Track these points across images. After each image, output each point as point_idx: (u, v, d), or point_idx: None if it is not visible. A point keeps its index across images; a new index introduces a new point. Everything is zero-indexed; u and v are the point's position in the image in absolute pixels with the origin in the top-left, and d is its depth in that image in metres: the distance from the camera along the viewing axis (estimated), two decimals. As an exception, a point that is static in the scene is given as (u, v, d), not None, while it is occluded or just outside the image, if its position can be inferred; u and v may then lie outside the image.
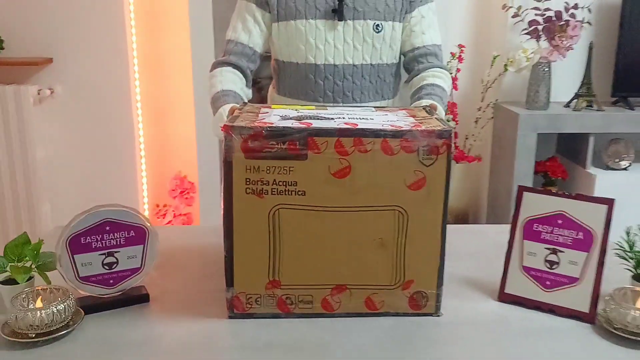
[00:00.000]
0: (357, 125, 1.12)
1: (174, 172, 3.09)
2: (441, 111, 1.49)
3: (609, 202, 1.24)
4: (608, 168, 2.90)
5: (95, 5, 2.83)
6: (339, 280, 1.16)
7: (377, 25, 1.61)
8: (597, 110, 2.87)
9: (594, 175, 2.83)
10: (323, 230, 1.12)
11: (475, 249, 1.56)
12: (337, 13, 1.57)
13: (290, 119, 1.15)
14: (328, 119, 1.17)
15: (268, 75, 1.85)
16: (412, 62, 1.68)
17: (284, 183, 1.10)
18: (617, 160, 2.92)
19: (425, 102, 1.49)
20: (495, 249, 1.48)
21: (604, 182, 2.80)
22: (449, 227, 1.18)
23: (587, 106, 2.90)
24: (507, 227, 1.31)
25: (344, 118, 1.18)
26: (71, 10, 2.83)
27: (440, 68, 1.65)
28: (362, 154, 1.09)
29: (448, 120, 3.03)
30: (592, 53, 2.87)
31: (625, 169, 2.90)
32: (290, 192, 1.10)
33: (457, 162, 3.13)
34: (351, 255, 1.15)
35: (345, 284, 1.17)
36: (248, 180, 1.09)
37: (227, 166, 1.09)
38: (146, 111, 3.07)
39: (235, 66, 1.62)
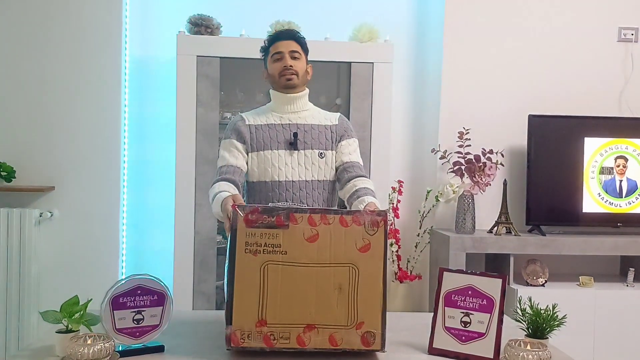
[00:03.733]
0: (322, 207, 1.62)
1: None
2: (378, 205, 2.02)
3: (503, 277, 1.72)
4: (527, 284, 3.40)
5: (94, 144, 3.38)
6: (309, 320, 1.58)
7: (321, 153, 2.20)
8: (514, 235, 3.43)
9: (515, 289, 3.31)
10: (298, 280, 1.58)
11: (412, 323, 2.00)
12: (293, 145, 2.18)
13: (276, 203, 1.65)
14: (303, 205, 1.67)
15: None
16: (341, 172, 2.23)
17: (272, 245, 1.57)
18: (535, 277, 3.43)
19: (367, 199, 2.03)
20: (425, 325, 1.84)
21: (524, 296, 3.24)
22: (394, 313, 1.62)
23: (507, 232, 3.46)
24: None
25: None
26: (73, 148, 3.37)
27: (363, 176, 2.22)
28: (327, 226, 1.59)
29: (391, 244, 3.54)
30: (506, 188, 3.49)
31: (542, 285, 3.40)
32: (276, 252, 1.57)
33: (400, 282, 3.59)
34: (318, 300, 1.59)
35: (314, 323, 1.59)
36: (247, 243, 1.56)
37: (233, 233, 1.55)
38: (130, 232, 3.53)
39: (229, 180, 2.11)
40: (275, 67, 2.22)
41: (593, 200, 3.53)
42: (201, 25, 3.31)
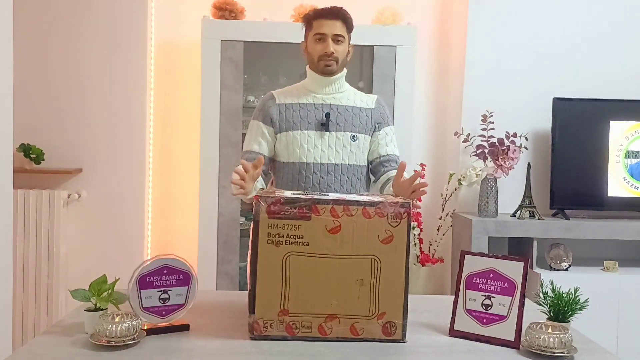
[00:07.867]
0: (345, 198, 1.62)
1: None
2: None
3: (525, 260, 1.72)
4: (551, 268, 3.38)
5: (120, 127, 3.44)
6: (331, 310, 1.60)
7: (353, 136, 2.16)
8: (538, 219, 3.41)
9: (538, 274, 3.30)
10: (320, 271, 1.58)
11: (432, 306, 2.01)
12: (324, 126, 2.14)
13: (298, 195, 1.65)
14: (325, 195, 1.67)
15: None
16: (378, 166, 2.22)
17: (294, 236, 1.57)
18: (558, 262, 3.41)
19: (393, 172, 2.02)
20: (446, 308, 1.86)
21: (547, 280, 3.24)
22: (416, 295, 1.62)
23: (530, 216, 3.44)
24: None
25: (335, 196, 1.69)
26: (100, 131, 3.44)
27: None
28: (349, 217, 1.58)
29: (413, 228, 3.55)
30: (530, 172, 3.46)
31: (566, 269, 3.39)
32: (298, 243, 1.57)
33: (422, 265, 3.60)
34: (340, 291, 1.59)
35: (336, 314, 1.60)
36: (269, 234, 1.57)
37: (256, 224, 1.56)
38: (155, 213, 3.59)
39: None
40: (316, 49, 2.14)
41: (618, 184, 3.49)
42: (225, 10, 3.34)
